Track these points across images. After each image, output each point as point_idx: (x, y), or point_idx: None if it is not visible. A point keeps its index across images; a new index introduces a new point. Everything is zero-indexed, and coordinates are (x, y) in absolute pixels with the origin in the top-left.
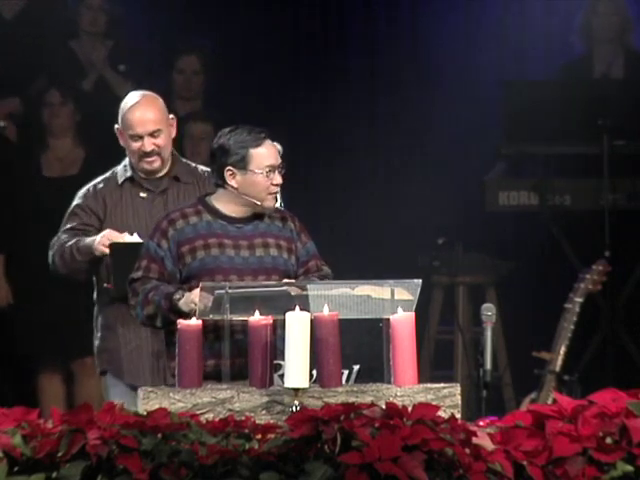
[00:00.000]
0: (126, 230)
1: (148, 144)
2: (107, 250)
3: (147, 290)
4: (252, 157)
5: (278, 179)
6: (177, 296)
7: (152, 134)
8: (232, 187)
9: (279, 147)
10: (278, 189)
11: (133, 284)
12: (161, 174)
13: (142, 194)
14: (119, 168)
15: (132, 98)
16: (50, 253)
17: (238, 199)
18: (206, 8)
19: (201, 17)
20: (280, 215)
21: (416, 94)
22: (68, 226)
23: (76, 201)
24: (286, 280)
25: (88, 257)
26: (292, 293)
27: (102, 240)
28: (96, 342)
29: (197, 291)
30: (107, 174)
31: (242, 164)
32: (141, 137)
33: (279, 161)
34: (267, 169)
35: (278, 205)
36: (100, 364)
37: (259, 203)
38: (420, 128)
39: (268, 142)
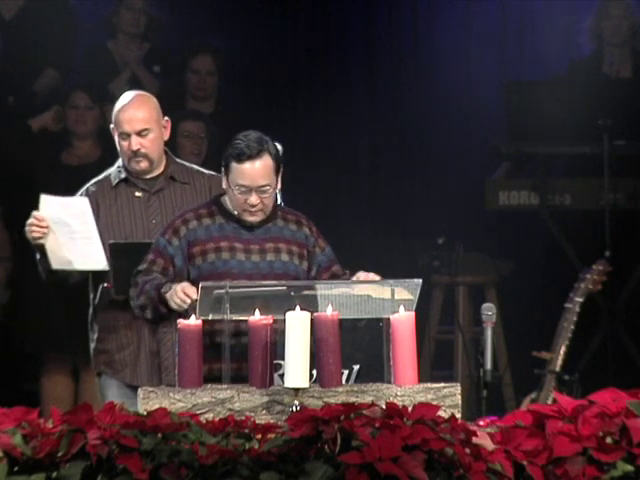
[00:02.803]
0: (122, 230)
1: (135, 143)
2: (33, 234)
3: (145, 281)
4: (231, 170)
5: (252, 200)
6: (164, 289)
7: (139, 133)
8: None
9: (278, 147)
10: (257, 208)
11: (136, 276)
12: (156, 174)
13: (137, 193)
14: (112, 170)
15: (125, 97)
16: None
17: None
18: (205, 9)
19: (202, 18)
20: (295, 219)
21: (416, 94)
22: None
23: None
24: (284, 281)
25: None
26: (304, 293)
27: (28, 227)
28: (92, 344)
29: (183, 285)
30: (100, 177)
31: (226, 171)
32: (129, 135)
33: (259, 183)
34: (238, 188)
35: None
36: (97, 365)
37: (236, 213)
38: (420, 128)
39: (254, 162)
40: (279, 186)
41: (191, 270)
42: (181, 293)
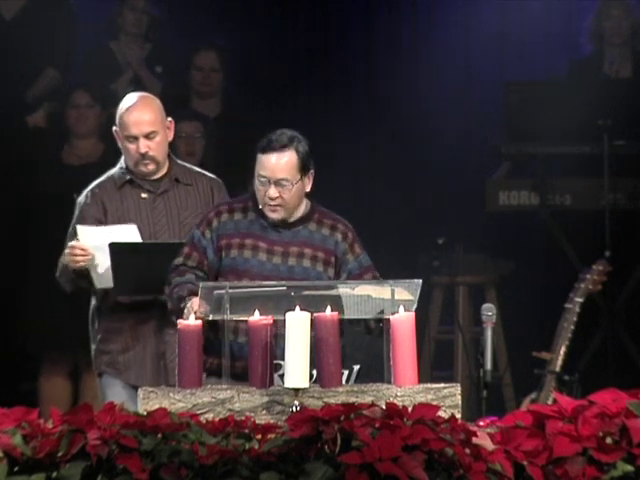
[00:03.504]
0: None
1: (143, 145)
2: (77, 263)
3: (175, 284)
4: (256, 160)
5: (271, 192)
6: (182, 304)
7: (147, 136)
8: None
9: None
10: (276, 202)
11: (171, 273)
12: (160, 175)
13: (143, 195)
14: (115, 171)
15: (130, 99)
16: (57, 274)
17: None
18: (205, 9)
19: (202, 18)
20: (331, 223)
21: (416, 94)
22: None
23: (77, 212)
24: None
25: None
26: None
27: (70, 256)
28: (94, 345)
29: (196, 299)
30: (103, 178)
31: (255, 164)
32: (136, 138)
33: (277, 176)
34: (259, 179)
35: None
36: (98, 366)
37: (260, 207)
38: (420, 128)
39: (277, 154)
40: (308, 188)
41: (216, 263)
42: (191, 310)
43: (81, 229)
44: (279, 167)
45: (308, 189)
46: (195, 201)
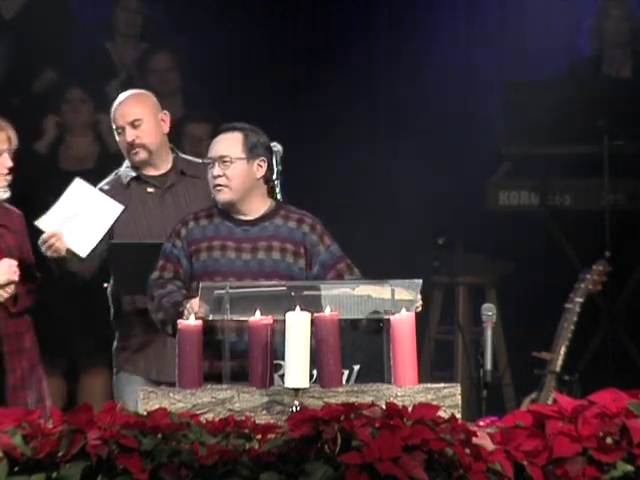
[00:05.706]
0: (139, 228)
1: (129, 134)
2: (57, 250)
3: (162, 295)
4: None
5: (214, 171)
6: (181, 309)
7: (132, 124)
8: None
9: (278, 147)
10: (220, 182)
11: (151, 289)
12: (164, 170)
13: (150, 189)
14: (122, 169)
15: (121, 96)
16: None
17: None
18: (204, 9)
19: (199, 17)
20: (297, 217)
21: (416, 94)
22: None
23: None
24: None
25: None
26: (304, 293)
27: (48, 250)
28: (114, 343)
29: (196, 300)
30: (111, 176)
31: None
32: (124, 129)
33: (220, 153)
34: (207, 161)
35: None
36: (116, 364)
37: (212, 195)
38: (420, 128)
39: (222, 134)
40: (258, 175)
41: (190, 270)
42: (191, 310)
43: (40, 222)
44: (221, 145)
45: (258, 176)
46: (202, 194)
